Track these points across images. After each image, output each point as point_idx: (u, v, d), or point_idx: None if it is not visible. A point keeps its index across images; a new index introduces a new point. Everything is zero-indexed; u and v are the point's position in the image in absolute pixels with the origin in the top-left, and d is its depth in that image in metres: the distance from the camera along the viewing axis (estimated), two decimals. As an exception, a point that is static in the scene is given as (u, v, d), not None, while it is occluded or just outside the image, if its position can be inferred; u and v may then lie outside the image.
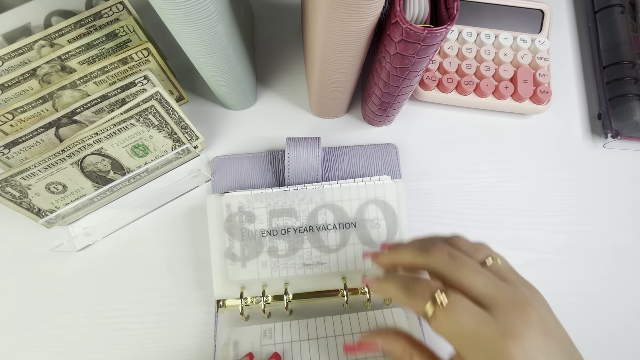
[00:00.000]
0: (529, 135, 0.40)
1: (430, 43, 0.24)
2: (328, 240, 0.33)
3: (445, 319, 0.19)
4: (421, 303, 0.20)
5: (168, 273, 0.35)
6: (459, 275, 0.20)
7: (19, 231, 0.36)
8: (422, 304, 0.19)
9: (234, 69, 0.32)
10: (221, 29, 0.27)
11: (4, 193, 0.31)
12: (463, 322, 0.18)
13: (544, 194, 0.38)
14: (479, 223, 0.37)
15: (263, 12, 0.44)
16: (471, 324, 0.18)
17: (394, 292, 0.22)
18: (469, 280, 0.20)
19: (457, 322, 0.18)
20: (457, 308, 0.19)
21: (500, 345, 0.17)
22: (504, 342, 0.17)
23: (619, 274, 0.36)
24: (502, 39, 0.39)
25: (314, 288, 0.33)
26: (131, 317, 0.34)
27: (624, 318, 0.35)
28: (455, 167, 0.39)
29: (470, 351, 0.18)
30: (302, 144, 0.35)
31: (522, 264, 0.36)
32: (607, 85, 0.40)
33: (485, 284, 0.19)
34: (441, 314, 0.19)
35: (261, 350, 0.31)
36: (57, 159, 0.31)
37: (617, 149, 0.40)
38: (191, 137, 0.36)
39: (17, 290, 0.35)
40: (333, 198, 0.34)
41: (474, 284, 0.20)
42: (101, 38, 0.33)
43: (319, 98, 0.36)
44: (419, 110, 0.41)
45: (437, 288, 0.20)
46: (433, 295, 0.19)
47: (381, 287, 0.23)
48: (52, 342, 0.33)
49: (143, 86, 0.32)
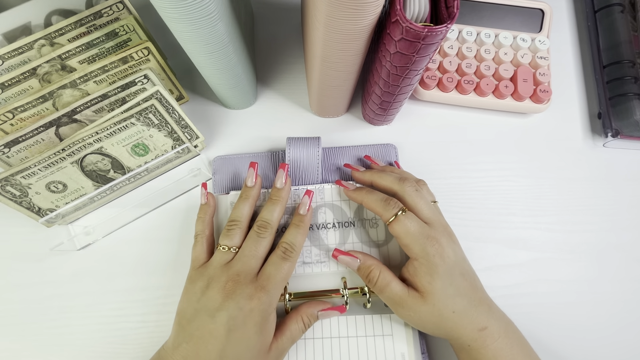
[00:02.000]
0: (529, 134, 0.40)
1: (430, 42, 0.24)
2: (327, 239, 0.33)
3: (401, 221, 0.29)
4: (391, 213, 0.29)
5: (168, 272, 0.35)
6: (418, 203, 0.30)
7: (19, 230, 0.36)
8: (391, 214, 0.29)
9: (234, 68, 0.32)
10: (221, 28, 0.27)
11: (4, 192, 0.31)
12: (411, 225, 0.29)
13: (544, 194, 0.38)
14: (479, 223, 0.37)
15: (263, 11, 0.44)
16: (416, 226, 0.29)
17: (373, 203, 0.30)
18: (421, 206, 0.30)
19: (409, 224, 0.29)
20: (410, 217, 0.29)
21: (431, 242, 0.28)
22: (432, 241, 0.28)
23: (619, 274, 0.36)
24: (502, 38, 0.39)
25: (313, 287, 0.33)
26: (131, 316, 0.34)
27: (624, 318, 0.35)
28: (455, 166, 0.39)
29: (413, 245, 0.28)
30: (302, 143, 0.35)
31: (522, 263, 0.36)
32: (607, 85, 0.40)
33: (430, 213, 0.30)
34: (401, 217, 0.29)
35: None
36: (57, 158, 0.31)
37: (617, 148, 0.40)
38: (191, 136, 0.36)
39: (17, 289, 0.35)
40: (332, 197, 0.34)
41: (423, 210, 0.30)
42: (101, 37, 0.33)
43: (319, 97, 0.36)
44: (419, 110, 0.41)
45: (402, 206, 0.30)
46: (399, 210, 0.29)
47: (363, 197, 0.31)
48: (52, 342, 0.33)
49: (143, 85, 0.32)
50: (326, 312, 0.31)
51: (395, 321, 0.31)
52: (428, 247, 0.28)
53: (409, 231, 0.28)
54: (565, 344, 0.34)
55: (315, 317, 0.30)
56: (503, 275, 0.35)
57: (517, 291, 0.35)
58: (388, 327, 0.31)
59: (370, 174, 0.33)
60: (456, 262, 0.29)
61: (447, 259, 0.28)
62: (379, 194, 0.31)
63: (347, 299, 0.31)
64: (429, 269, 0.28)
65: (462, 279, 0.28)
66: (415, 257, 0.28)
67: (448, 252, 0.28)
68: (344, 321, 0.32)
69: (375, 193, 0.31)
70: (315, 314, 0.30)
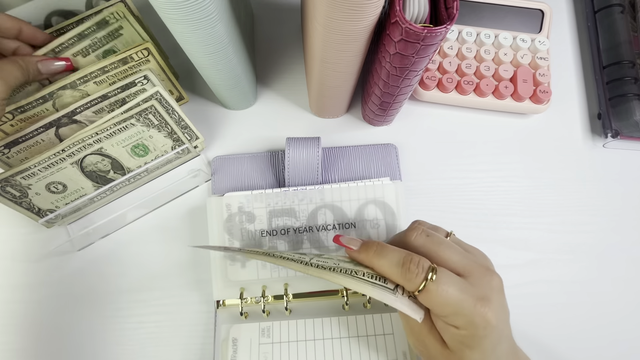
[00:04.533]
0: (529, 135, 0.40)
1: (429, 43, 0.24)
2: (328, 241, 0.33)
3: (436, 290, 0.22)
4: (417, 280, 0.22)
5: (168, 273, 0.35)
6: (438, 251, 0.23)
7: (19, 231, 0.36)
8: (418, 281, 0.22)
9: (234, 68, 0.32)
10: (221, 29, 0.27)
11: (4, 193, 0.31)
12: (451, 291, 0.22)
13: (544, 194, 0.38)
14: (479, 223, 0.37)
15: (263, 12, 0.44)
16: (455, 292, 0.22)
17: (388, 270, 0.23)
18: (446, 254, 0.23)
19: (447, 292, 0.22)
20: (443, 280, 0.22)
21: (479, 310, 0.21)
22: (481, 307, 0.21)
23: (619, 274, 0.36)
24: (502, 38, 0.39)
25: (313, 288, 0.33)
26: (131, 317, 0.34)
27: (624, 318, 0.35)
28: (455, 166, 0.39)
29: (455, 316, 0.22)
30: (302, 143, 0.35)
31: (522, 263, 0.36)
32: (607, 85, 0.40)
33: (459, 257, 0.23)
34: (433, 287, 0.22)
35: (259, 349, 0.31)
36: (57, 158, 0.31)
37: (617, 148, 0.40)
38: (191, 137, 0.36)
39: (17, 289, 0.35)
40: (333, 198, 0.34)
41: (452, 258, 0.23)
42: (92, 27, 0.32)
43: (318, 98, 0.36)
44: (419, 110, 0.41)
45: (429, 265, 0.22)
46: (426, 272, 0.22)
47: (372, 263, 0.24)
48: (52, 342, 0.33)
49: (143, 86, 0.32)
50: (47, 62, 0.29)
51: (396, 320, 0.31)
52: (476, 317, 0.21)
53: (448, 302, 0.22)
54: (565, 344, 0.34)
55: (34, 65, 0.28)
56: (503, 276, 0.35)
57: (517, 291, 0.35)
58: (389, 325, 0.31)
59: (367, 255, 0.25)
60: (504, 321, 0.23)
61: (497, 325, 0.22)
62: (392, 255, 0.23)
63: (347, 300, 0.31)
64: (473, 341, 0.22)
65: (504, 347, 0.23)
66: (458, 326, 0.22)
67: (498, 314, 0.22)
68: (345, 321, 0.32)
69: (386, 254, 0.24)
70: (34, 61, 0.28)
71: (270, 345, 0.31)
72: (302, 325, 0.32)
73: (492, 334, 0.22)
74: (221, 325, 0.32)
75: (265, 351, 0.31)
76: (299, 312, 0.33)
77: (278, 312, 0.33)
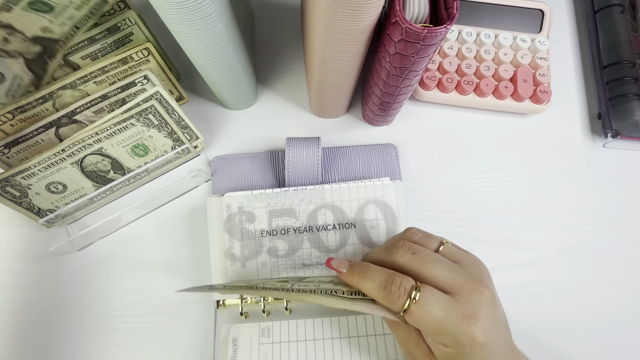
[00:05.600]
0: (529, 135, 0.40)
1: (429, 43, 0.24)
2: (328, 241, 0.33)
3: (419, 311, 0.21)
4: (399, 302, 0.22)
5: (168, 273, 0.35)
6: (424, 269, 0.23)
7: (19, 231, 0.36)
8: (401, 303, 0.22)
9: (234, 68, 0.32)
10: (221, 29, 0.27)
11: (4, 193, 0.31)
12: (434, 311, 0.21)
13: (544, 194, 0.38)
14: (479, 223, 0.37)
15: (263, 12, 0.44)
16: (440, 312, 0.21)
17: (372, 293, 0.23)
18: (432, 272, 0.23)
19: (430, 313, 0.21)
20: (427, 300, 0.21)
21: (465, 329, 0.21)
22: (467, 326, 0.21)
23: (619, 274, 0.36)
24: (502, 38, 0.39)
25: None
26: (131, 317, 0.34)
27: (623, 318, 0.35)
28: (455, 166, 0.39)
29: (441, 335, 0.22)
30: (302, 143, 0.35)
31: (522, 263, 0.36)
32: (607, 85, 0.40)
33: (446, 274, 0.23)
34: (415, 308, 0.21)
35: (259, 349, 0.31)
36: (57, 158, 0.31)
37: (617, 148, 0.40)
38: (191, 136, 0.36)
39: (17, 289, 0.35)
40: (333, 198, 0.34)
41: (437, 275, 0.23)
42: (103, 32, 0.32)
43: (318, 98, 0.36)
44: (419, 110, 0.41)
45: (411, 285, 0.22)
46: (409, 293, 0.22)
47: (358, 285, 0.24)
48: (51, 342, 0.33)
49: (143, 86, 0.32)
50: None
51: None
52: (461, 336, 0.21)
53: (432, 323, 0.21)
54: (565, 344, 0.34)
55: None
56: (503, 276, 0.35)
57: (517, 291, 0.35)
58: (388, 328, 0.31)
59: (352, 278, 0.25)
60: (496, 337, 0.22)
61: (486, 342, 0.21)
62: (374, 277, 0.23)
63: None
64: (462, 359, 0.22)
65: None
66: (446, 344, 0.22)
67: (486, 331, 0.21)
68: (345, 321, 0.32)
69: (369, 276, 0.24)
70: None
71: (270, 345, 0.31)
72: (302, 325, 0.32)
73: (481, 351, 0.21)
74: (221, 325, 0.32)
75: (265, 351, 0.31)
76: (299, 312, 0.33)
77: (278, 312, 0.33)
